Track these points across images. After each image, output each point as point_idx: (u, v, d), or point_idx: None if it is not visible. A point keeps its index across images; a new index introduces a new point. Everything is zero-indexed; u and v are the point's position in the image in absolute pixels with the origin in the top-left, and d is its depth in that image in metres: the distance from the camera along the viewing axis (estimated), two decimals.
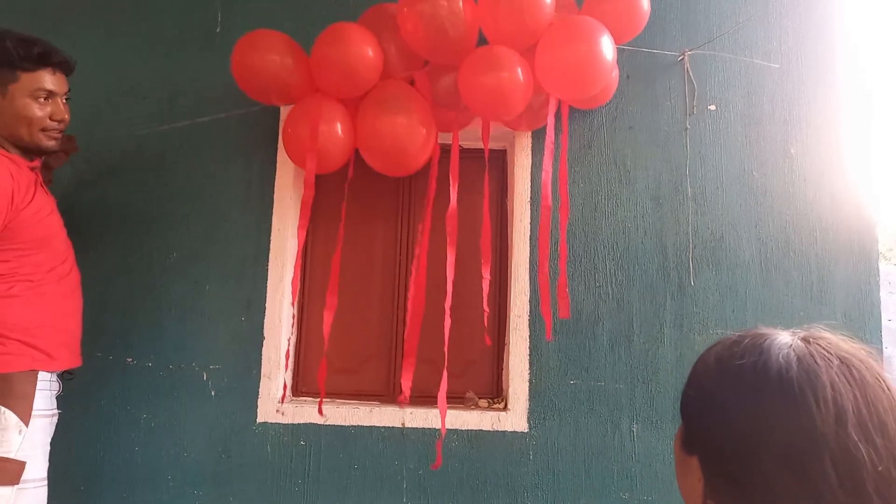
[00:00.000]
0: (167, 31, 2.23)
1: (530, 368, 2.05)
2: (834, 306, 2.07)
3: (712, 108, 2.13)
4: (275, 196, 2.13)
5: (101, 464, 2.04)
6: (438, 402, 1.81)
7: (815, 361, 0.63)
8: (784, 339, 0.67)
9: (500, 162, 2.31)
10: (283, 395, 2.01)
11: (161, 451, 2.04)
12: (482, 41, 1.82)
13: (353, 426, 2.04)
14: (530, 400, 2.04)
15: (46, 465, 1.57)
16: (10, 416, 1.45)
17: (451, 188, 1.91)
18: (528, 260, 2.08)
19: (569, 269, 2.09)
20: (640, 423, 2.02)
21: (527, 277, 2.07)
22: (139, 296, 2.10)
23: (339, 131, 1.86)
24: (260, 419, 2.05)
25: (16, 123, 1.53)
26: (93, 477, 2.03)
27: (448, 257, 1.87)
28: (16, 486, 1.45)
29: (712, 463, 0.68)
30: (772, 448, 0.61)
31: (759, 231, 2.09)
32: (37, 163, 1.61)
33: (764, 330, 0.70)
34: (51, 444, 1.61)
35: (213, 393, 2.07)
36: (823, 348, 0.64)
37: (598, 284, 2.08)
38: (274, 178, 2.14)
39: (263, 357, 2.08)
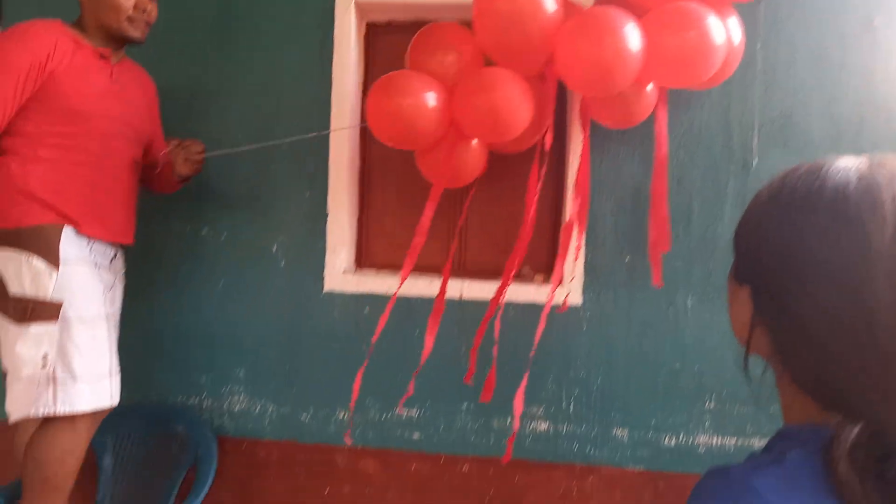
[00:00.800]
0: None
1: (586, 244, 2.09)
2: None
3: None
4: (333, 77, 2.15)
5: (185, 324, 2.22)
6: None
7: (876, 179, 0.58)
8: (846, 161, 0.63)
9: None
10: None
11: (238, 316, 2.20)
12: None
13: (413, 296, 2.15)
14: (585, 275, 2.10)
15: (100, 308, 1.70)
16: (39, 263, 1.58)
17: None
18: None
19: (628, 148, 2.08)
20: (694, 298, 2.07)
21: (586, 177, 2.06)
22: (211, 172, 2.20)
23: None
24: (327, 288, 2.17)
25: (104, 12, 1.67)
26: (179, 338, 2.23)
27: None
28: (58, 323, 1.60)
29: (761, 290, 0.65)
30: (823, 268, 0.58)
31: (831, 109, 2.03)
32: (106, 50, 1.72)
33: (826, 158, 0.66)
34: (139, 309, 1.85)
35: (282, 264, 2.19)
36: (888, 168, 0.60)
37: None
38: (332, 59, 2.15)
39: (328, 232, 2.18)
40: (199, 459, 2.06)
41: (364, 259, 2.31)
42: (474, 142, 1.89)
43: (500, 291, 1.88)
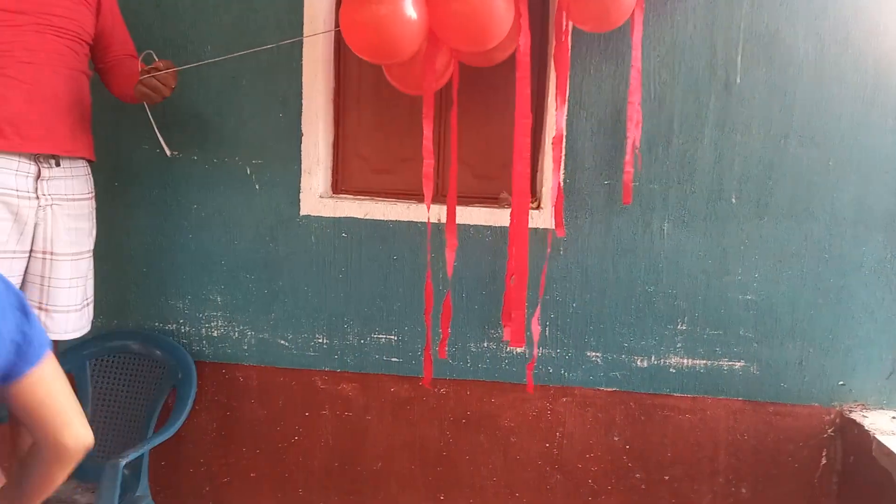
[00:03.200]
0: None
1: (565, 168, 2.06)
2: (886, 110, 1.98)
3: None
4: None
5: (160, 250, 2.20)
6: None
7: None
8: None
9: None
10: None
11: (213, 239, 2.18)
12: None
13: (391, 221, 2.13)
14: (563, 199, 2.07)
15: (14, 241, 1.59)
16: None
17: None
18: None
19: (608, 65, 2.02)
20: (671, 223, 2.06)
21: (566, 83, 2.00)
22: (178, 91, 2.11)
23: None
24: (303, 212, 2.14)
25: None
26: (153, 261, 2.20)
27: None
28: None
29: None
30: None
31: (817, 24, 1.96)
32: None
33: None
34: (113, 234, 1.70)
35: (257, 187, 2.15)
36: None
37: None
38: None
39: (303, 153, 2.13)
40: (179, 384, 2.08)
41: (340, 183, 2.27)
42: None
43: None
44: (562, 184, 2.04)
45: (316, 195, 2.14)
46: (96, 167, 1.89)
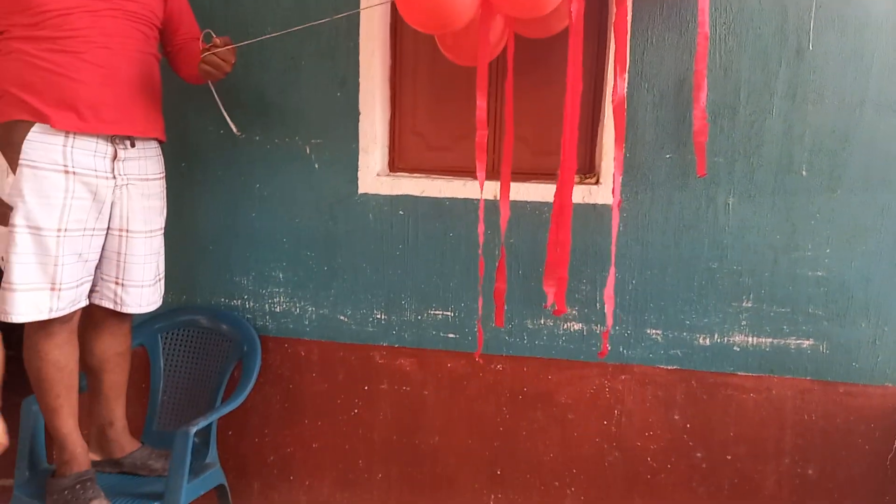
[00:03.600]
0: None
1: (626, 142, 2.01)
2: None
3: None
4: None
5: (225, 227, 2.27)
6: None
7: None
8: None
9: None
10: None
11: (275, 217, 2.23)
12: None
13: (447, 198, 2.13)
14: (624, 174, 2.03)
15: (57, 219, 1.62)
16: (2, 163, 1.59)
17: None
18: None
19: (671, 35, 1.95)
20: (736, 197, 1.99)
21: (625, 49, 1.95)
22: (239, 74, 2.17)
23: None
24: (361, 190, 2.17)
25: None
26: (219, 239, 2.28)
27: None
28: (8, 229, 1.58)
29: None
30: None
31: None
32: None
33: None
34: (180, 212, 1.76)
35: (316, 166, 2.19)
36: None
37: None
38: None
39: (360, 132, 2.15)
40: (245, 358, 2.16)
41: (397, 161, 2.28)
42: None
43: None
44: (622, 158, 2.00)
45: (373, 173, 2.16)
46: (165, 148, 1.97)
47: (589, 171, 2.18)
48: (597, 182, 2.09)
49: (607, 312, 1.91)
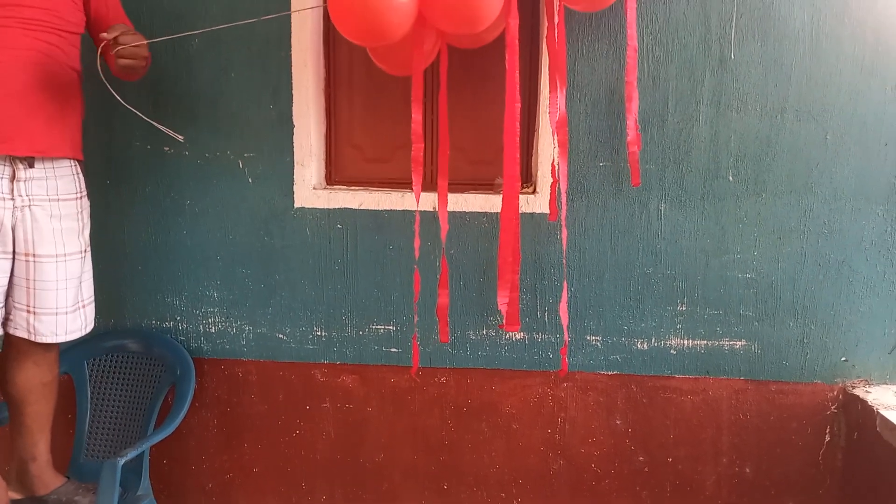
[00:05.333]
0: None
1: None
2: (885, 79, 1.95)
3: None
4: None
5: (155, 246, 2.18)
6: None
7: None
8: None
9: None
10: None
11: (208, 233, 2.16)
12: None
13: (386, 210, 2.11)
14: (554, 175, 2.04)
15: None
16: None
17: None
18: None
19: (601, 45, 1.99)
20: (668, 203, 2.03)
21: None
22: (167, 85, 2.10)
23: None
24: (297, 204, 2.12)
25: None
26: (149, 258, 2.19)
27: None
28: None
29: None
30: None
31: None
32: None
33: None
34: (106, 232, 1.66)
35: (250, 180, 2.13)
36: None
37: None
38: None
39: (295, 144, 2.10)
40: (178, 382, 2.07)
41: (334, 174, 2.24)
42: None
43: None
44: (555, 167, 2.02)
45: (309, 187, 2.12)
46: (87, 165, 1.87)
47: (526, 180, 2.19)
48: (534, 191, 2.10)
49: (563, 327, 1.93)
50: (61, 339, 1.74)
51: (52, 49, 1.62)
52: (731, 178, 2.01)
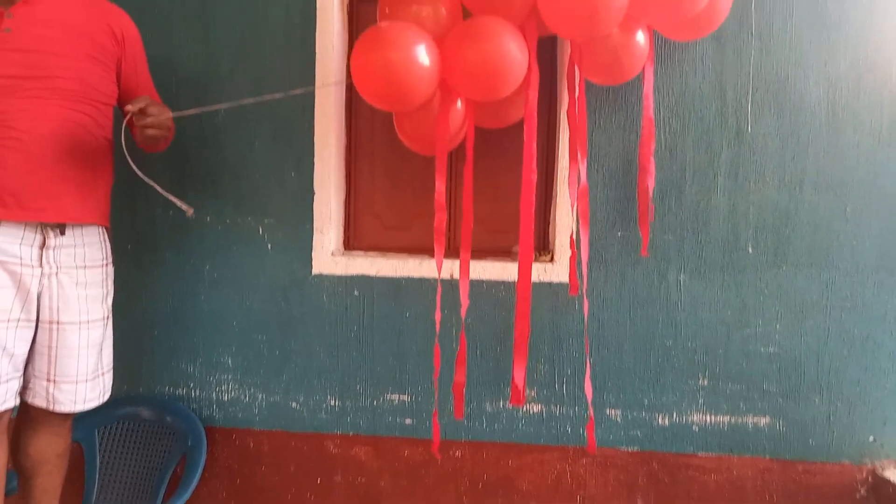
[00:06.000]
0: None
1: (573, 217, 2.03)
2: None
3: None
4: (316, 46, 2.08)
5: (173, 312, 2.19)
6: None
7: None
8: None
9: None
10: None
11: (225, 300, 2.16)
12: None
13: (403, 277, 2.10)
14: (573, 247, 2.03)
15: (18, 308, 1.58)
16: None
17: None
18: None
19: (618, 117, 2.01)
20: (687, 274, 2.01)
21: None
22: (192, 154, 2.15)
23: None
24: (315, 271, 2.13)
25: None
26: (166, 324, 2.19)
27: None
28: None
29: None
30: None
31: (828, 70, 1.95)
32: None
33: None
34: (124, 297, 1.65)
35: (269, 246, 2.15)
36: None
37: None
38: (314, 26, 2.08)
39: (315, 212, 2.12)
40: (189, 452, 2.04)
41: (352, 240, 2.26)
42: (459, 104, 1.80)
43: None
44: (574, 237, 2.01)
45: (328, 253, 2.13)
46: (111, 231, 1.89)
47: (543, 248, 2.19)
48: (551, 260, 2.09)
49: (589, 404, 1.89)
50: (79, 408, 1.72)
51: (85, 119, 1.66)
52: (750, 250, 1.99)
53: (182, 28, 2.13)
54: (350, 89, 2.22)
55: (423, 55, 1.57)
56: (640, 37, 1.77)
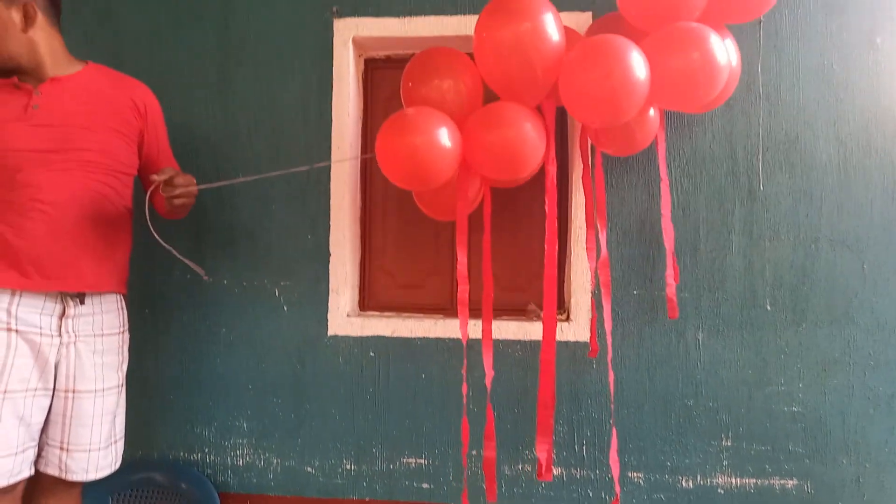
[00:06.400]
0: None
1: (593, 279, 2.04)
2: None
3: None
4: (332, 113, 2.13)
5: (188, 375, 2.18)
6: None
7: None
8: None
9: None
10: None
11: (240, 362, 2.16)
12: None
13: (419, 338, 2.10)
14: (593, 310, 2.04)
15: (35, 378, 1.58)
16: None
17: None
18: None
19: (630, 177, 2.04)
20: (705, 332, 2.00)
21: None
22: (210, 217, 2.18)
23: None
24: (331, 332, 2.13)
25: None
26: (180, 387, 2.18)
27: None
28: None
29: None
30: None
31: (838, 130, 1.98)
32: (14, 79, 1.60)
33: None
34: (139, 361, 1.65)
35: (285, 308, 2.15)
36: None
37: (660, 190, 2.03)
38: (331, 94, 2.14)
39: (331, 273, 2.14)
40: None
41: (368, 300, 2.26)
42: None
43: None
44: (593, 297, 2.01)
45: (343, 314, 2.13)
46: (127, 295, 1.91)
47: (559, 307, 2.19)
48: (567, 318, 2.09)
49: (615, 478, 1.85)
50: (91, 476, 1.70)
51: (107, 189, 1.69)
52: (768, 308, 1.98)
53: (203, 95, 2.20)
54: (364, 151, 2.26)
55: (445, 139, 1.62)
56: (652, 112, 1.82)
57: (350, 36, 2.14)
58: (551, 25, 1.59)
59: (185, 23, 2.21)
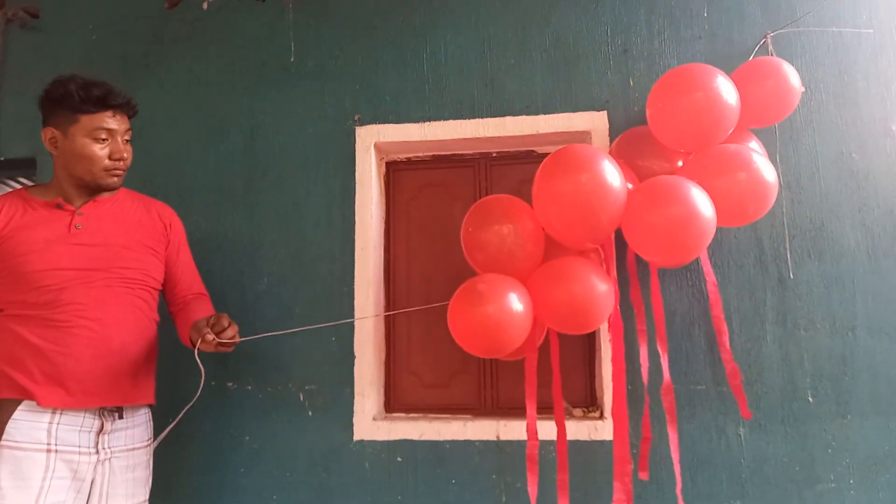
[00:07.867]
0: (245, 65, 2.32)
1: (626, 376, 1.98)
2: None
3: (802, 89, 2.01)
4: (356, 217, 2.17)
5: (210, 486, 2.11)
6: None
7: None
8: None
9: None
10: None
11: (265, 471, 2.09)
12: None
13: (447, 441, 2.03)
14: (627, 408, 1.97)
15: (70, 499, 1.55)
16: None
17: None
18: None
19: (667, 270, 2.02)
20: (746, 427, 1.93)
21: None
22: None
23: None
24: (357, 437, 2.07)
25: (76, 163, 1.61)
26: (203, 499, 2.11)
27: None
28: None
29: None
30: None
31: (863, 216, 1.97)
32: (59, 200, 1.65)
33: None
34: (161, 471, 1.65)
35: (309, 413, 2.11)
36: None
37: (690, 284, 2.01)
38: (354, 198, 2.18)
39: (356, 375, 2.10)
40: None
41: (393, 402, 2.21)
42: None
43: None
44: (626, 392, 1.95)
45: (369, 418, 2.07)
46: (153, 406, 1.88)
47: (590, 403, 2.13)
48: (601, 417, 2.02)
49: None
50: None
51: (142, 304, 1.73)
52: (810, 399, 1.92)
53: (229, 205, 2.24)
54: (387, 250, 2.28)
55: (517, 303, 1.66)
56: None
57: (372, 142, 2.20)
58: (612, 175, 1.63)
59: (213, 136, 2.29)
